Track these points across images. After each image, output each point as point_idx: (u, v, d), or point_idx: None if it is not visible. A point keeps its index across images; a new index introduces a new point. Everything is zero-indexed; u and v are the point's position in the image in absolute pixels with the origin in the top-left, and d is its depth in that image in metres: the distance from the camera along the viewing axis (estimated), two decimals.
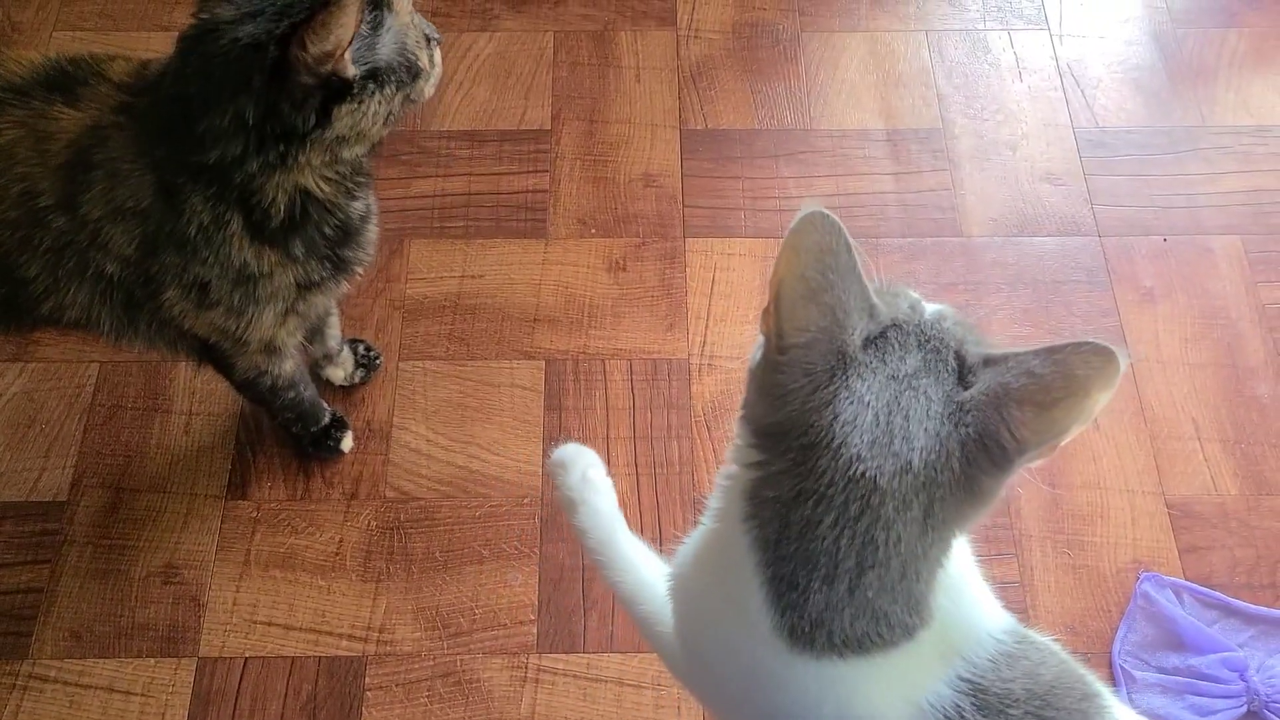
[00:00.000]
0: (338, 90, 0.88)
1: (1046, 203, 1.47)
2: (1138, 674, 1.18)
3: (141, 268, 0.95)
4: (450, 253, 1.44)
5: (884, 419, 0.62)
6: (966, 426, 0.61)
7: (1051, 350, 0.60)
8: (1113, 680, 1.17)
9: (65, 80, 0.92)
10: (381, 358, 1.35)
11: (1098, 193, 1.48)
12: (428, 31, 0.97)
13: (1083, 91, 1.56)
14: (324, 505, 1.26)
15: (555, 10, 1.64)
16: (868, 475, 0.61)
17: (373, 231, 1.07)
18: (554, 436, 1.31)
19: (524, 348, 1.37)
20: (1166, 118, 1.53)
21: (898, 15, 1.63)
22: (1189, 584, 1.22)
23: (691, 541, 0.77)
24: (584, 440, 1.30)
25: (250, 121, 0.86)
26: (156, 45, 1.59)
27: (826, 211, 0.61)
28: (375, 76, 0.90)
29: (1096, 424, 1.32)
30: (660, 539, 1.24)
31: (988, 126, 1.54)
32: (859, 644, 0.65)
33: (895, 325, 0.64)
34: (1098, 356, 0.58)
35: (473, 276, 1.42)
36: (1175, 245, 1.44)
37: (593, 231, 1.46)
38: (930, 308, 0.67)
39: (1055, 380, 0.59)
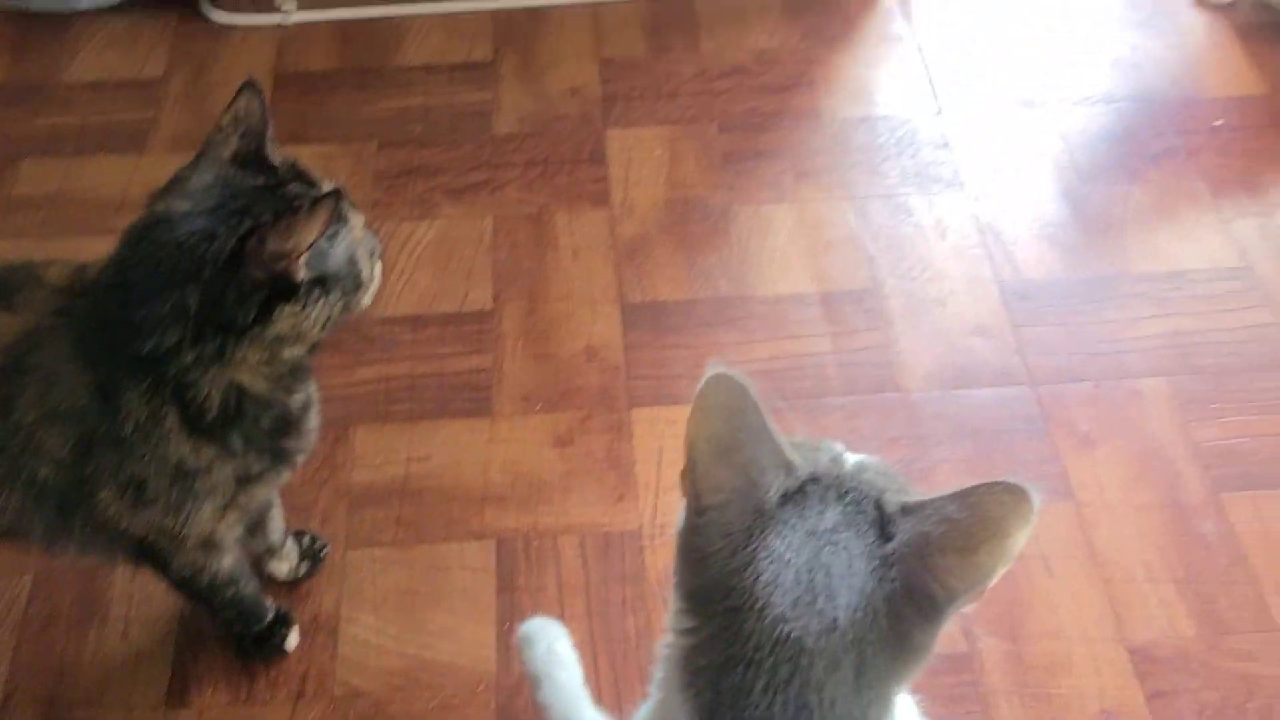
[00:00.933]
0: (283, 290, 0.90)
1: (979, 355, 1.52)
2: None
3: (76, 470, 0.93)
4: (395, 437, 1.43)
5: (806, 577, 0.62)
6: (892, 580, 0.61)
7: (966, 493, 0.60)
8: None
9: (1, 286, 0.93)
10: (328, 548, 1.32)
11: (1027, 343, 1.52)
12: (373, 245, 1.01)
13: (1003, 247, 1.63)
14: (269, 708, 1.21)
15: (493, 196, 1.69)
16: (794, 636, 0.61)
17: (314, 420, 1.07)
18: (508, 618, 1.28)
19: (473, 528, 1.36)
20: (1084, 268, 1.60)
21: (821, 185, 1.71)
22: None
23: (640, 715, 0.76)
24: None
25: (191, 310, 0.87)
26: (100, 249, 1.61)
27: (731, 372, 0.63)
28: (323, 283, 0.92)
29: (1050, 572, 1.32)
30: (621, 715, 1.20)
31: (916, 285, 1.59)
32: None
33: (814, 479, 0.65)
34: (1011, 495, 0.59)
35: (419, 459, 1.41)
36: (1106, 390, 1.48)
37: (538, 408, 1.47)
38: (852, 459, 0.68)
39: (974, 524, 0.60)
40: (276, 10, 1.91)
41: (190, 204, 0.89)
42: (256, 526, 1.22)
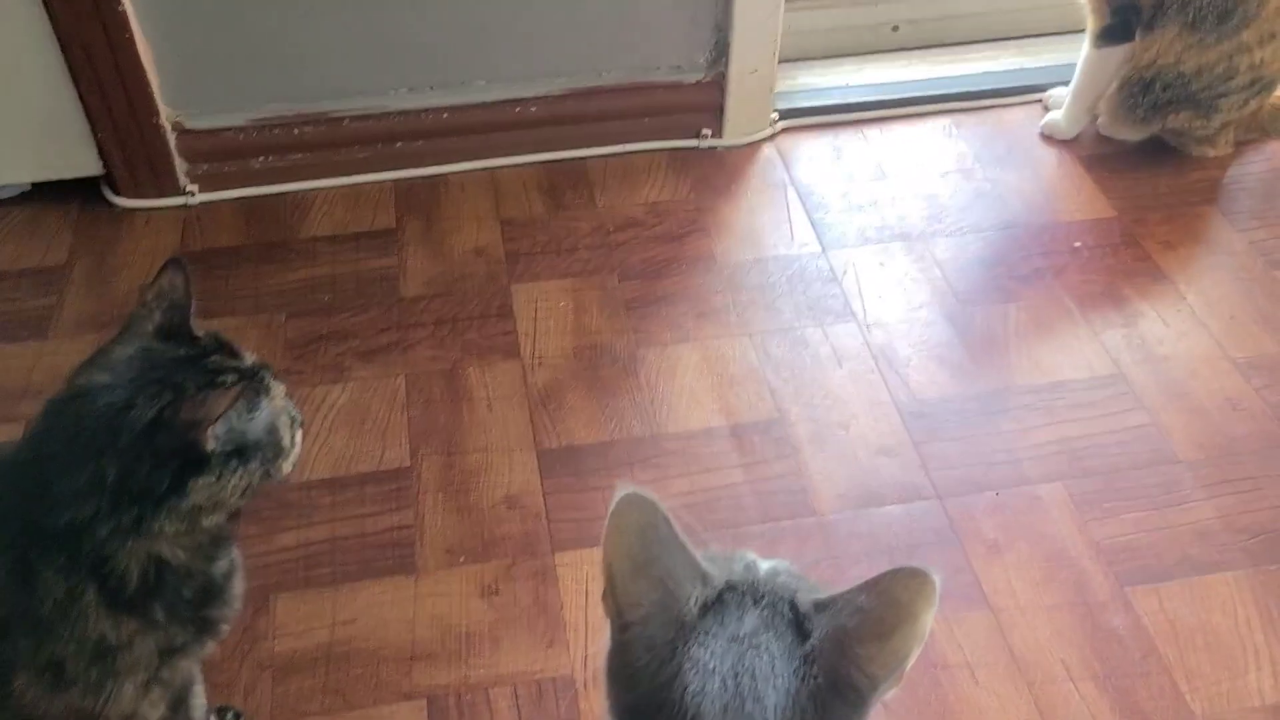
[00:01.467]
0: (195, 461, 0.91)
1: (886, 473, 1.58)
2: None
3: None
4: (318, 602, 1.42)
5: (732, 683, 0.64)
6: (815, 676, 0.64)
7: (873, 584, 0.65)
8: None
9: None
10: None
11: (929, 458, 1.60)
12: (294, 414, 1.03)
13: (896, 370, 1.72)
14: None
15: (404, 356, 1.73)
16: None
17: (238, 587, 1.06)
18: None
19: (403, 689, 1.33)
20: (973, 385, 1.70)
21: (721, 324, 1.79)
22: None
23: None
24: None
25: (108, 481, 0.87)
26: (6, 435, 1.59)
27: (641, 491, 0.66)
28: (241, 453, 0.94)
29: (976, 680, 1.35)
30: None
31: (819, 411, 1.66)
32: None
33: (730, 587, 0.68)
34: (914, 579, 0.63)
35: (344, 623, 1.40)
36: (1007, 497, 1.55)
37: (461, 560, 1.47)
38: (764, 564, 0.71)
39: (884, 610, 0.64)
40: (180, 193, 1.95)
41: (111, 376, 0.91)
42: (178, 705, 1.18)
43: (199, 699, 1.22)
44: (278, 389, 1.00)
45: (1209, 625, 1.41)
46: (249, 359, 1.01)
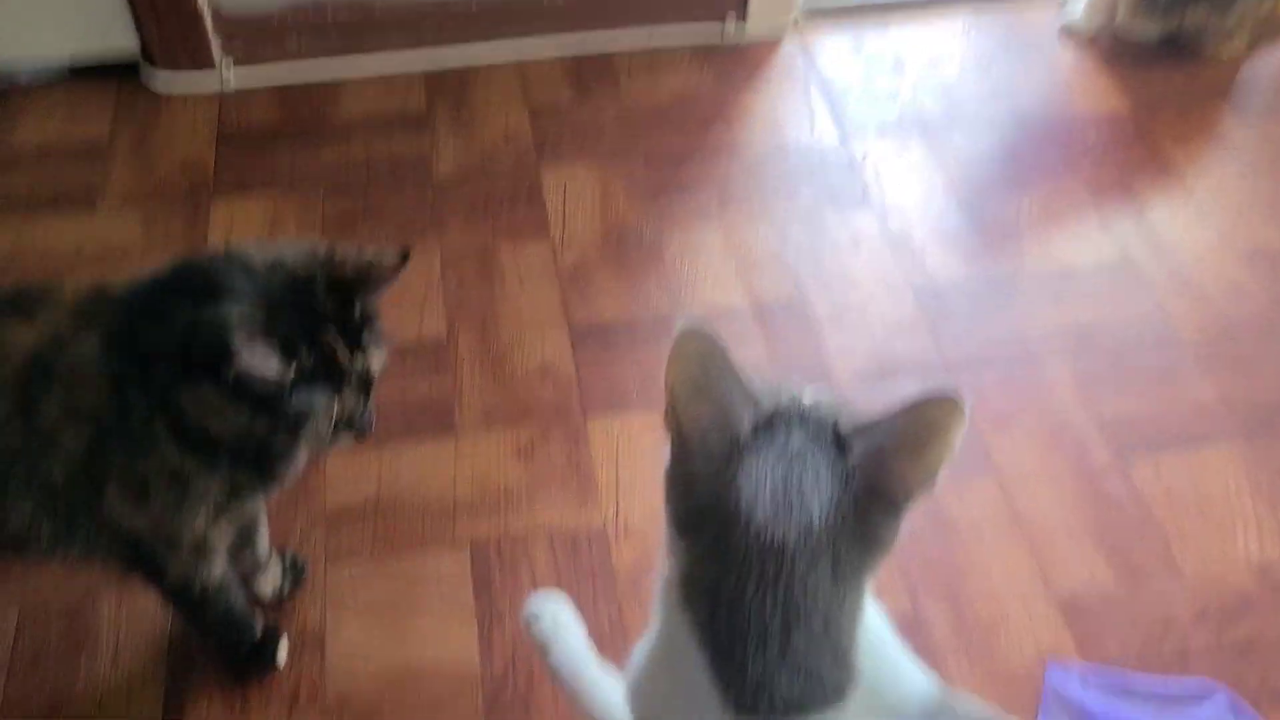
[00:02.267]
0: (209, 373, 0.94)
1: (900, 351, 1.65)
2: None
3: (87, 469, 0.99)
4: (365, 461, 1.50)
5: (782, 490, 0.71)
6: (855, 488, 0.71)
7: (908, 406, 0.70)
8: None
9: (19, 301, 0.99)
10: (308, 565, 1.38)
11: (942, 337, 1.67)
12: (359, 424, 1.07)
13: (911, 254, 1.78)
14: (265, 719, 1.26)
15: (439, 235, 1.79)
16: (776, 541, 0.70)
17: (301, 455, 1.11)
18: (487, 619, 1.35)
19: (447, 538, 1.43)
20: (987, 269, 1.76)
21: (743, 210, 1.85)
22: (1091, 667, 1.33)
23: (641, 645, 0.84)
24: (515, 618, 1.35)
25: (172, 337, 0.94)
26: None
27: (700, 324, 0.72)
28: (262, 404, 0.96)
29: (982, 540, 1.44)
30: None
31: (838, 293, 1.73)
32: (798, 706, 0.72)
33: (778, 411, 0.75)
34: (945, 401, 0.69)
35: (389, 479, 1.48)
36: (1015, 374, 1.63)
37: (498, 424, 1.55)
38: (808, 393, 0.79)
39: (919, 430, 0.70)
40: (216, 74, 1.99)
41: (247, 277, 0.96)
42: (245, 540, 1.27)
43: (263, 538, 1.31)
44: (353, 400, 1.02)
45: (1202, 493, 1.50)
46: (364, 364, 1.03)
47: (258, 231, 1.77)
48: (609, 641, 1.33)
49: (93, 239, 1.75)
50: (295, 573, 1.36)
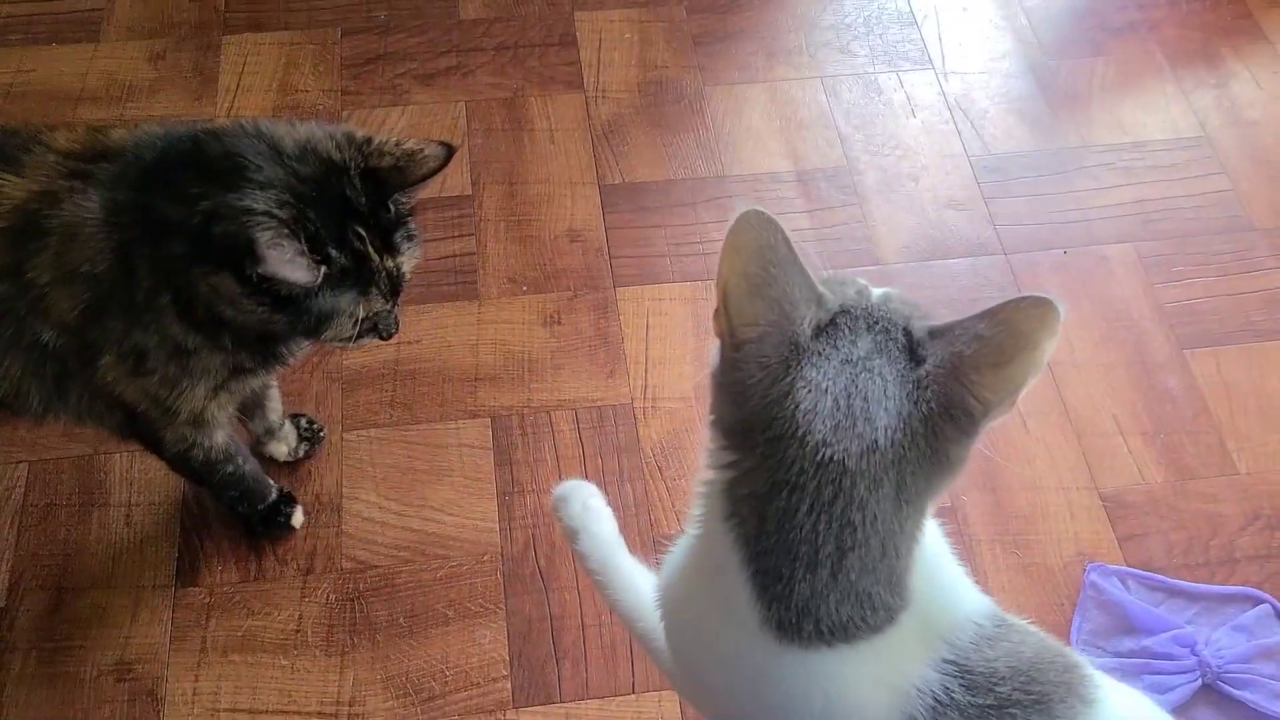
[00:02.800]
0: (230, 258, 0.87)
1: (952, 227, 1.55)
2: (1096, 660, 1.22)
3: (81, 334, 0.93)
4: None
5: (844, 403, 0.64)
6: (927, 401, 0.64)
7: (994, 311, 0.63)
8: None
9: (5, 148, 0.91)
10: (325, 430, 1.33)
11: (998, 214, 1.56)
12: (383, 328, 1.00)
13: (971, 123, 1.66)
14: (279, 583, 1.23)
15: (464, 81, 1.67)
16: (835, 459, 0.63)
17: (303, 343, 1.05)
18: (507, 491, 1.31)
19: (468, 407, 1.37)
20: (1051, 141, 1.64)
21: (792, 65, 1.72)
22: (1132, 570, 1.28)
23: (675, 552, 0.79)
24: (537, 492, 1.31)
25: (195, 214, 0.86)
26: None
27: (762, 209, 0.63)
28: (291, 301, 0.90)
29: (1027, 429, 1.38)
30: None
31: (889, 161, 1.62)
32: (845, 630, 0.67)
33: (844, 311, 0.66)
34: (1037, 308, 0.62)
35: (409, 342, 1.42)
36: (1075, 257, 1.53)
37: (524, 289, 1.47)
38: (877, 291, 0.70)
39: (1004, 338, 0.62)
40: None
41: (275, 161, 0.88)
42: (255, 408, 1.22)
43: (274, 404, 1.26)
44: (378, 301, 0.95)
45: (1263, 389, 1.42)
46: (395, 266, 0.95)
47: (271, 73, 1.66)
48: (633, 521, 1.29)
49: (96, 72, 1.64)
50: (311, 439, 1.31)
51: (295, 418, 1.31)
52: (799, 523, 0.65)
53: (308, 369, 1.39)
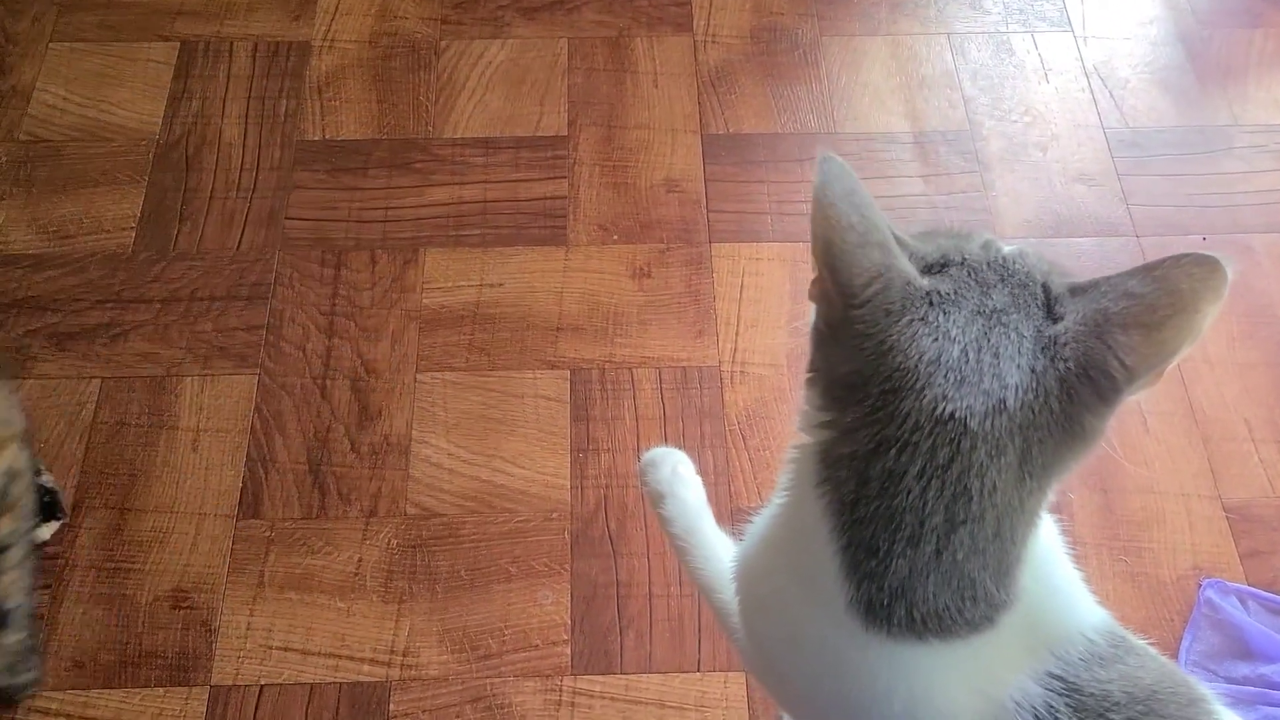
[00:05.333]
0: None
1: (1081, 204, 1.43)
2: (1207, 685, 1.12)
3: None
4: (467, 261, 1.38)
5: (972, 356, 0.57)
6: (1065, 361, 0.56)
7: (1149, 268, 0.56)
8: None
9: None
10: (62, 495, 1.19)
11: (1133, 193, 1.44)
12: None
13: (1110, 92, 1.53)
14: (341, 523, 1.19)
15: (569, 17, 1.60)
16: (957, 416, 0.56)
17: None
18: (582, 448, 1.25)
19: (548, 357, 1.31)
20: (1198, 117, 1.50)
21: (918, 19, 1.60)
22: (1253, 590, 1.17)
23: (758, 520, 0.72)
24: (613, 451, 1.25)
25: None
26: (158, 55, 1.55)
27: (837, 156, 0.58)
28: None
29: (1147, 428, 1.27)
30: None
31: (1016, 128, 1.50)
32: (939, 621, 0.59)
33: (964, 263, 0.60)
34: (1201, 267, 0.55)
35: (491, 285, 1.36)
36: (1215, 244, 1.40)
37: (615, 238, 1.40)
38: (1007, 247, 0.63)
39: (1160, 298, 0.55)
40: None
41: None
42: None
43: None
44: None
45: None
46: None
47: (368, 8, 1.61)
48: (712, 491, 1.20)
49: None
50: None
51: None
52: (906, 486, 0.57)
53: (386, 305, 1.34)
